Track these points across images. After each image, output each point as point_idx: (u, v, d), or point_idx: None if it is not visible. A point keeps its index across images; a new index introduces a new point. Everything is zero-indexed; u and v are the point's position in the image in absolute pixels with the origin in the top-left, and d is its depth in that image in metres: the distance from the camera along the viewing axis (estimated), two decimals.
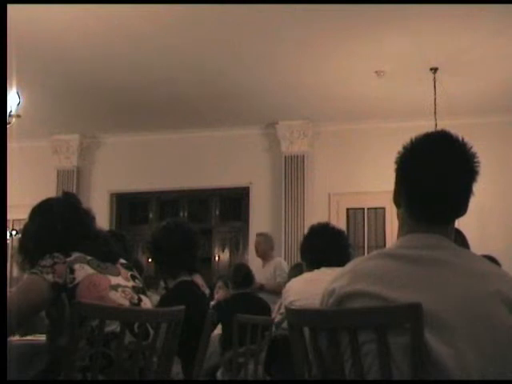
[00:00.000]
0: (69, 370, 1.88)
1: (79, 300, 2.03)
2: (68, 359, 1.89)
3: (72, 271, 2.12)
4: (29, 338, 2.75)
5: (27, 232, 2.33)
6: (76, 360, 1.93)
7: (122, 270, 2.29)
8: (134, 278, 2.32)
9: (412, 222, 1.58)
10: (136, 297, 2.24)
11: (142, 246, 9.75)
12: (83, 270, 2.14)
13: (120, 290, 2.20)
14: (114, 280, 2.21)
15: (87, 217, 2.39)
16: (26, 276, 2.16)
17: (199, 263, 3.28)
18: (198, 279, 3.14)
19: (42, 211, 2.36)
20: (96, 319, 1.96)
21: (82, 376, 2.02)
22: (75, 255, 2.17)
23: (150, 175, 9.38)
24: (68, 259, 2.14)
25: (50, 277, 2.09)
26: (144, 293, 2.32)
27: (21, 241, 2.33)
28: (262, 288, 6.57)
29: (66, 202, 2.39)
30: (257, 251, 7.45)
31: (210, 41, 6.44)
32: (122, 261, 2.36)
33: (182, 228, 3.17)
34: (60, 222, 2.28)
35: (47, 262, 2.12)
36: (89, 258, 2.20)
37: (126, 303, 2.18)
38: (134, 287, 2.27)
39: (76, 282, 2.11)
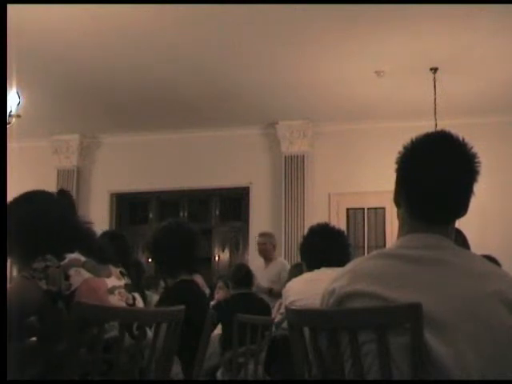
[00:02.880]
0: (69, 377, 1.86)
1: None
2: (69, 365, 1.86)
3: (67, 277, 1.99)
4: None
5: (18, 219, 2.18)
6: (77, 367, 1.89)
7: (113, 269, 2.20)
8: (123, 274, 2.24)
9: (412, 222, 1.58)
10: (130, 296, 2.18)
11: (142, 246, 9.75)
12: (79, 276, 2.01)
13: (116, 292, 2.12)
14: (110, 282, 2.12)
15: (78, 216, 2.29)
16: (16, 279, 2.02)
17: (199, 263, 3.28)
18: (199, 279, 3.15)
19: (38, 200, 2.25)
20: (96, 326, 1.90)
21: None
22: (69, 258, 2.04)
23: (150, 175, 9.39)
24: (62, 263, 2.01)
25: (42, 283, 1.96)
26: (134, 290, 2.25)
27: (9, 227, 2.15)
28: (270, 292, 6.50)
29: (64, 199, 2.30)
30: (261, 251, 7.25)
31: (210, 41, 6.44)
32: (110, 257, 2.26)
33: (183, 228, 3.17)
34: (58, 217, 2.18)
35: (39, 264, 1.98)
36: (83, 259, 2.07)
37: (123, 305, 2.12)
38: (126, 285, 2.20)
39: (73, 288, 1.98)
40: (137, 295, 2.24)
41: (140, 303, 2.24)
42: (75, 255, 2.07)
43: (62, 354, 1.94)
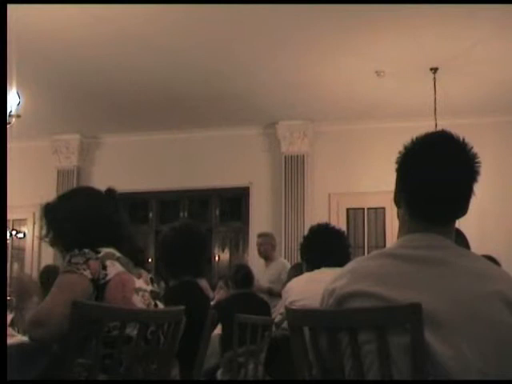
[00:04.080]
0: (69, 370, 1.88)
1: (107, 299, 2.05)
2: (70, 358, 1.89)
3: (104, 267, 2.10)
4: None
5: (66, 210, 2.28)
6: (81, 359, 1.94)
7: (143, 273, 2.28)
8: (152, 281, 2.31)
9: (412, 221, 1.58)
10: (153, 303, 2.23)
11: (142, 245, 9.73)
12: (114, 267, 2.12)
13: (140, 294, 2.19)
14: (138, 283, 2.20)
15: (127, 218, 2.40)
16: (61, 276, 2.09)
17: (205, 267, 3.25)
18: (203, 283, 3.13)
19: (91, 195, 2.35)
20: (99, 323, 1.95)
21: (88, 375, 2.00)
22: (104, 251, 2.14)
23: (150, 175, 9.39)
24: (99, 255, 2.12)
25: (87, 273, 2.05)
26: (159, 298, 2.31)
27: (53, 217, 2.28)
28: (270, 291, 6.49)
29: (113, 198, 2.37)
30: (260, 252, 7.22)
31: (210, 41, 6.44)
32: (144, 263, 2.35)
33: (191, 230, 3.14)
34: (109, 213, 2.28)
35: (79, 259, 2.08)
36: (118, 254, 2.18)
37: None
38: (151, 292, 2.26)
39: (108, 278, 2.09)
40: (160, 304, 2.28)
41: None
42: (110, 249, 2.17)
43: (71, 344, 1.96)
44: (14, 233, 9.51)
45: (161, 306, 2.28)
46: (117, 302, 2.08)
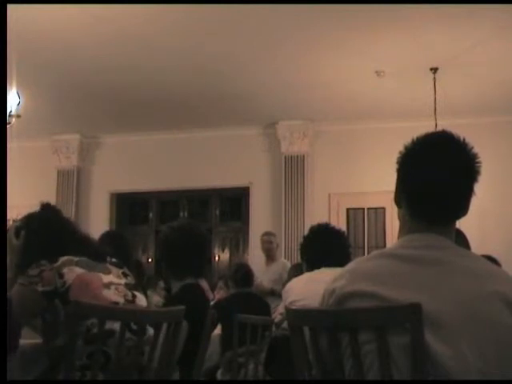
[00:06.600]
0: (68, 370, 1.89)
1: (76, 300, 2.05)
2: (67, 359, 1.90)
3: (61, 276, 2.14)
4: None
5: (10, 250, 2.37)
6: (75, 359, 1.94)
7: (113, 269, 2.31)
8: (125, 275, 2.33)
9: (413, 222, 1.58)
10: (130, 294, 2.25)
11: (142, 245, 9.76)
12: (72, 272, 2.16)
13: (113, 287, 2.21)
14: (106, 278, 2.23)
15: (68, 223, 2.45)
16: (15, 287, 2.18)
17: (206, 267, 3.24)
18: (204, 284, 3.12)
19: (21, 229, 2.43)
20: (91, 318, 2.00)
21: (81, 375, 2.02)
22: (62, 259, 2.18)
23: (150, 175, 9.38)
24: (55, 265, 2.16)
25: (38, 286, 2.13)
26: (137, 289, 2.34)
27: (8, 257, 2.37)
28: (273, 292, 6.49)
29: (42, 216, 2.45)
30: (265, 250, 7.32)
31: (210, 41, 6.44)
32: (112, 259, 2.37)
33: (196, 231, 3.13)
34: (37, 237, 2.33)
35: (34, 271, 2.16)
36: (76, 259, 2.21)
37: (121, 300, 2.19)
38: (126, 284, 2.28)
39: (67, 284, 2.12)
40: (139, 294, 2.31)
41: (142, 301, 2.31)
42: (68, 257, 2.21)
43: (61, 347, 1.99)
44: None
45: (139, 295, 2.31)
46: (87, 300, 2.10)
